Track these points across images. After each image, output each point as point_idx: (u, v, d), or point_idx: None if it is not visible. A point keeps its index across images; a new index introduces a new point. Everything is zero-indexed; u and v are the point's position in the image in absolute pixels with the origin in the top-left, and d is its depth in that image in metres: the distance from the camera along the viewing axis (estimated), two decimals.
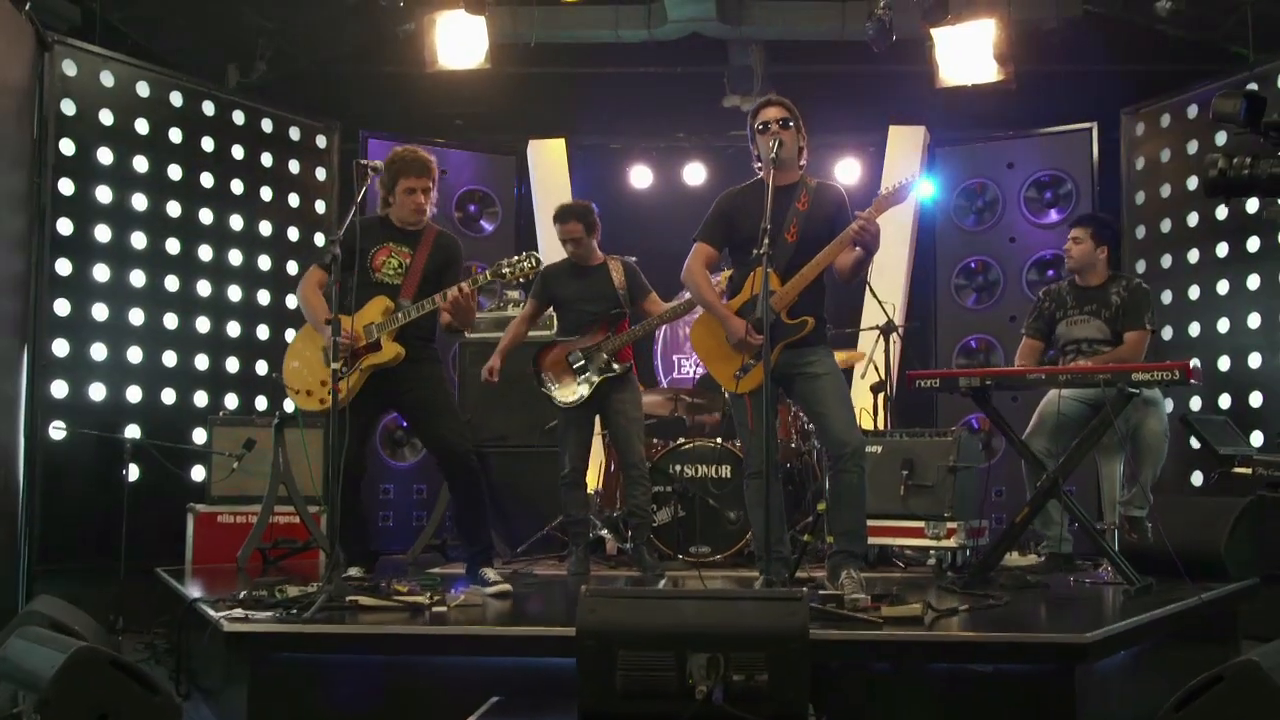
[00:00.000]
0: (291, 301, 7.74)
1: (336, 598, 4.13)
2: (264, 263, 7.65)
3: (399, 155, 5.12)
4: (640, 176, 9.03)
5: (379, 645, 3.76)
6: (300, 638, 3.74)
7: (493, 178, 8.81)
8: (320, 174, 8.10)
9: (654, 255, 9.10)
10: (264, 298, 7.62)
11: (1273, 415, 6.37)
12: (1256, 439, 6.39)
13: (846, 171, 8.62)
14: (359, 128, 8.36)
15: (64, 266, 6.59)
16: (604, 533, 6.69)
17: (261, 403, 7.54)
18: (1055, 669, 3.54)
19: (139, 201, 6.97)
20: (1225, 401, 6.69)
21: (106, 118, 6.84)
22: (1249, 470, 3.59)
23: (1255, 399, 6.52)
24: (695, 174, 8.98)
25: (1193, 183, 7.04)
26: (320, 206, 8.08)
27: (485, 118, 8.98)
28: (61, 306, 6.56)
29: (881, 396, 6.84)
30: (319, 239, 7.97)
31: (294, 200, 7.89)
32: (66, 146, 6.63)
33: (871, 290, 7.03)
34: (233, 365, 7.43)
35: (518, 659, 3.68)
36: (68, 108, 6.65)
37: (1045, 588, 5.04)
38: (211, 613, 4.07)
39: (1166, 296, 7.13)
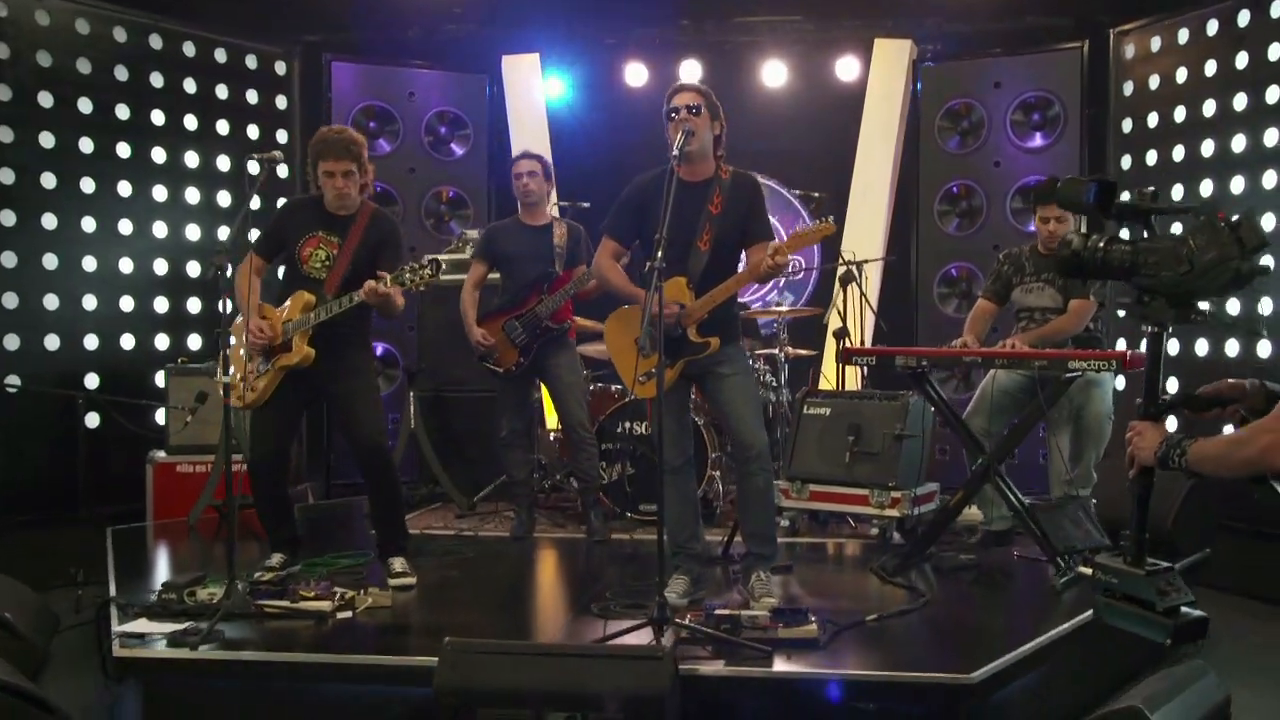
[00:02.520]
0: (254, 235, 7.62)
1: (240, 608, 4.12)
2: (224, 198, 7.50)
3: (318, 135, 4.87)
4: (635, 74, 8.64)
5: (262, 672, 3.74)
6: (185, 663, 3.74)
7: (463, 99, 8.50)
8: (281, 102, 7.88)
9: (651, 153, 8.92)
10: (225, 234, 7.49)
11: (1244, 367, 6.16)
12: None
13: (846, 70, 8.24)
14: (321, 52, 8.09)
15: (8, 217, 6.49)
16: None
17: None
18: (942, 706, 3.48)
19: (85, 145, 6.82)
20: (1202, 348, 6.45)
21: (44, 59, 6.64)
22: (1090, 570, 3.43)
23: (1231, 348, 6.29)
24: (691, 72, 8.57)
25: (1180, 113, 6.67)
26: (282, 136, 7.88)
27: (455, 33, 8.63)
28: (9, 259, 6.49)
29: (845, 343, 6.65)
30: (283, 171, 7.80)
31: (254, 132, 7.70)
32: (3, 92, 6.46)
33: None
34: (194, 306, 7.37)
35: (396, 688, 3.65)
36: (1, 51, 6.45)
37: (978, 569, 4.96)
38: (114, 625, 4.08)
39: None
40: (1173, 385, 6.46)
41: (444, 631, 4.02)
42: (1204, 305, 2.61)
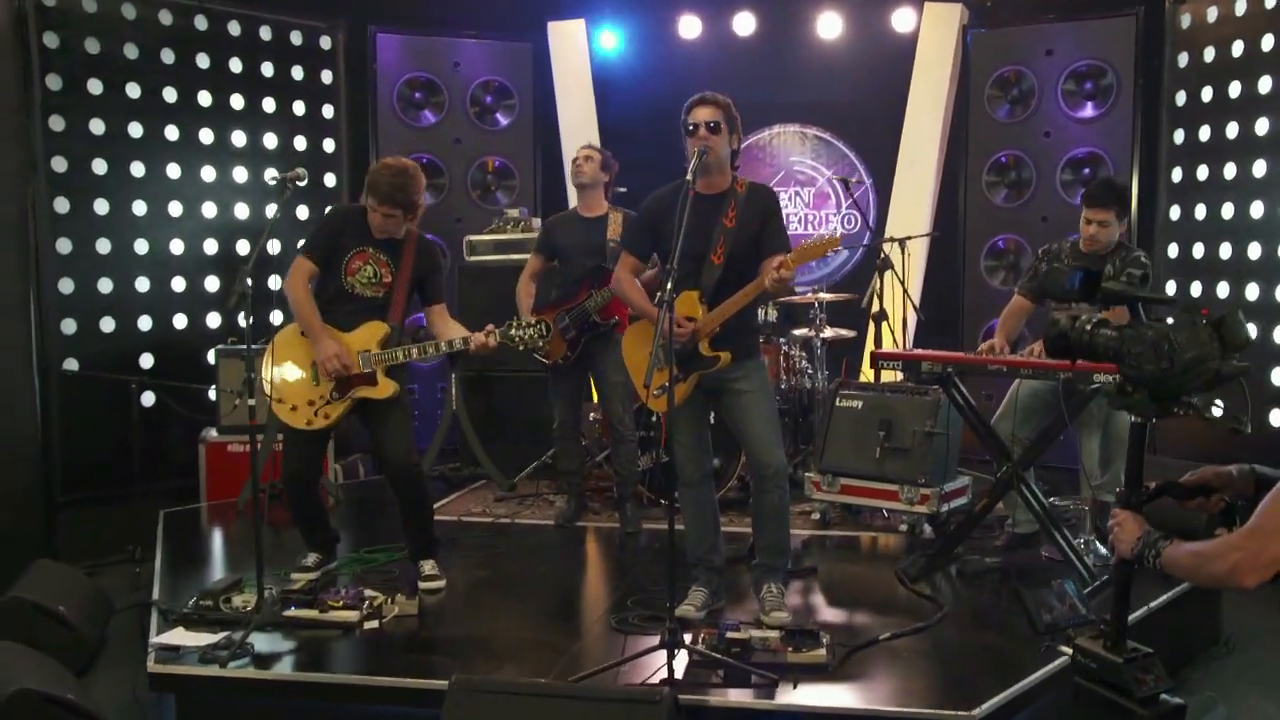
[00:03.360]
0: (302, 212, 7.76)
1: (270, 619, 4.29)
2: (270, 175, 7.59)
3: (373, 171, 4.88)
4: (689, 26, 8.57)
5: (286, 691, 3.90)
6: (216, 680, 3.91)
7: (508, 67, 8.49)
8: (326, 77, 7.93)
9: None
10: (273, 211, 7.58)
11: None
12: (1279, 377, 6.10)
13: (902, 21, 8.12)
14: (365, 24, 8.11)
15: (62, 205, 6.65)
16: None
17: (277, 317, 7.63)
18: None
19: (134, 129, 6.94)
20: (1252, 331, 6.32)
21: (93, 46, 6.75)
22: (1069, 650, 3.41)
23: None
24: (745, 24, 8.50)
25: (1235, 89, 6.46)
26: (328, 111, 7.95)
27: (499, 0, 8.59)
28: (63, 245, 6.66)
29: (884, 326, 6.62)
30: (329, 145, 7.90)
31: (299, 108, 7.77)
32: (54, 81, 6.59)
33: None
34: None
35: (414, 709, 3.79)
36: (50, 40, 6.57)
37: (1002, 572, 4.97)
38: (153, 634, 4.27)
39: (1200, 212, 6.67)
40: None
41: (465, 647, 4.20)
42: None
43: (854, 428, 5.85)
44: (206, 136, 7.27)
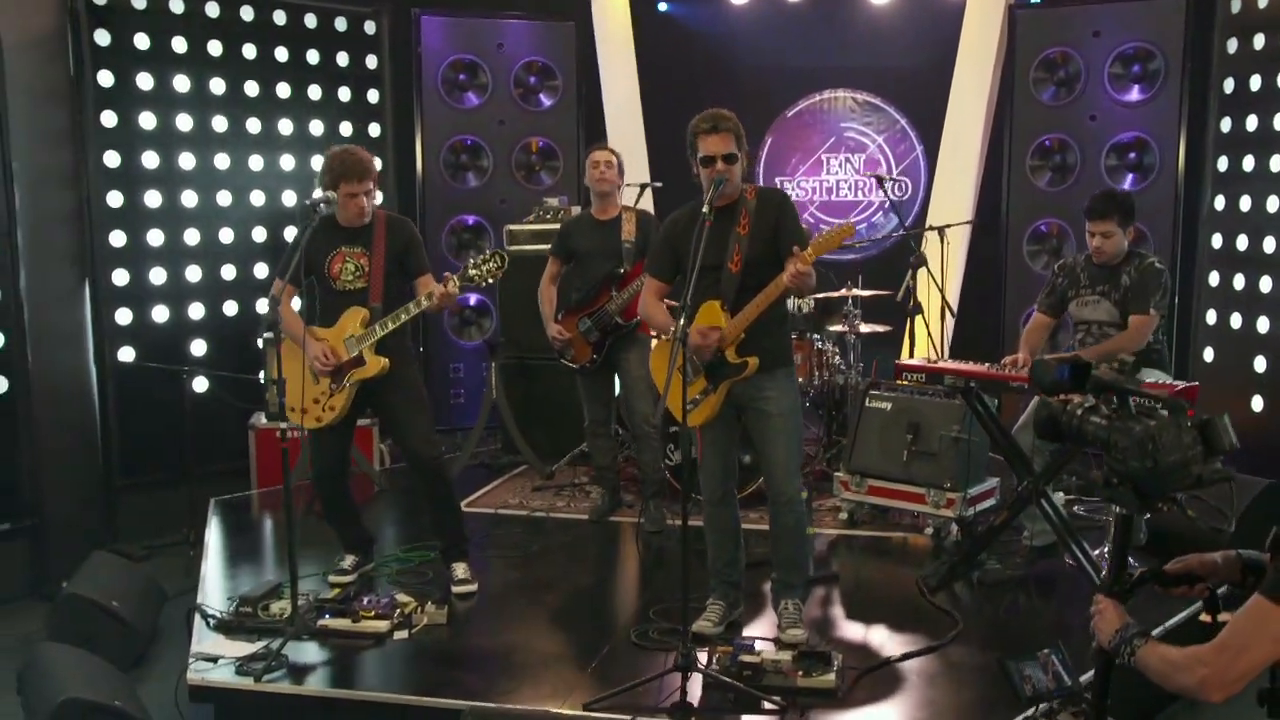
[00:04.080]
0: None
1: (304, 630, 4.50)
2: (317, 163, 7.69)
3: (338, 159, 5.01)
4: None
5: (314, 707, 4.12)
6: (251, 694, 4.13)
7: (552, 47, 8.52)
8: (371, 62, 8.02)
9: (755, 71, 8.63)
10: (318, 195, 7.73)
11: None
12: None
13: None
14: (409, 7, 8.17)
15: (115, 199, 6.86)
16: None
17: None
18: None
19: (184, 122, 7.10)
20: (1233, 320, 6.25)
21: (142, 42, 6.90)
22: None
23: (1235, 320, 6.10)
24: None
25: None
26: (373, 96, 8.05)
27: None
28: (117, 238, 6.87)
29: (920, 320, 6.64)
30: (374, 130, 8.02)
31: (344, 94, 7.88)
32: (105, 78, 6.75)
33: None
34: None
35: None
36: (101, 38, 6.73)
37: (1021, 584, 5.05)
38: (194, 642, 4.51)
39: (1245, 203, 6.56)
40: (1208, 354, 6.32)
41: (487, 664, 4.37)
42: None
43: (882, 430, 5.92)
44: (254, 126, 7.41)
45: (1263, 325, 6.38)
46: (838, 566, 5.55)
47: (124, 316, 6.94)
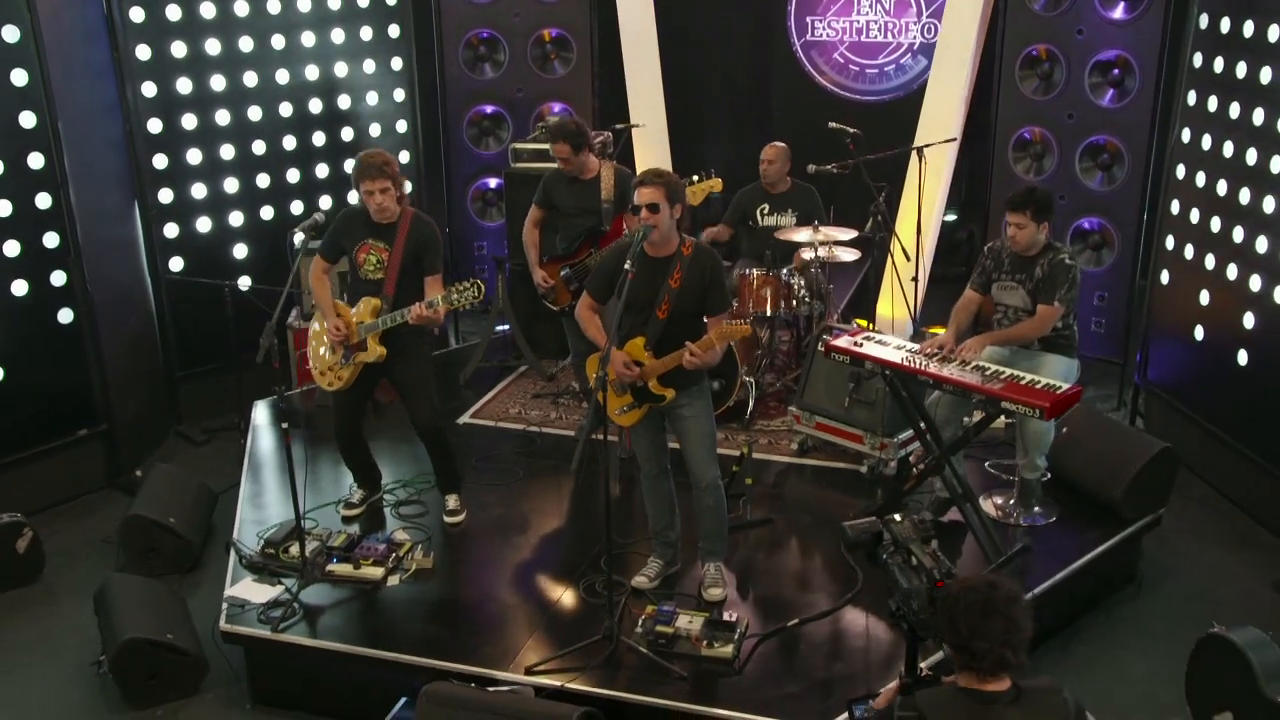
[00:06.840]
0: (373, 98, 8.48)
1: (314, 580, 5.51)
2: (340, 70, 8.29)
3: (358, 160, 5.68)
4: None
5: (320, 654, 5.16)
6: (271, 642, 5.19)
7: (568, 16, 8.87)
8: (393, 32, 8.56)
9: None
10: (344, 102, 8.37)
11: None
12: None
13: None
14: None
15: (155, 125, 7.56)
16: None
17: (354, 197, 8.51)
18: None
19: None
20: (1249, 320, 6.41)
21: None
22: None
23: None
24: None
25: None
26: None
27: None
28: (160, 160, 7.63)
29: (895, 243, 7.20)
30: (394, 30, 8.48)
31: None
32: (136, 14, 7.31)
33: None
34: (322, 171, 8.40)
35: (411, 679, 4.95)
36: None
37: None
38: (228, 585, 5.55)
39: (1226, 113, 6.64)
40: None
41: (462, 611, 5.35)
42: None
43: (829, 375, 6.61)
44: (279, 42, 7.96)
45: (1208, 262, 6.76)
46: (787, 492, 6.42)
47: (171, 230, 7.77)
